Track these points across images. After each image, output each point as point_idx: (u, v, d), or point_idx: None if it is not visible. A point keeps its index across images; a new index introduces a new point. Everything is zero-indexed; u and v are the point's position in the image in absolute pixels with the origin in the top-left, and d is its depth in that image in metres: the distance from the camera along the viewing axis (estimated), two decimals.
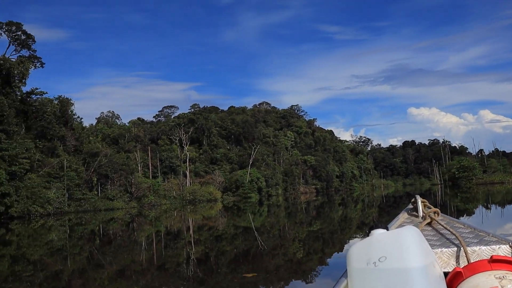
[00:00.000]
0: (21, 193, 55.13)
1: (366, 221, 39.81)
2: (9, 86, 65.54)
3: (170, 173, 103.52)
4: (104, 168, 73.39)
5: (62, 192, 62.97)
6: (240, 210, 64.03)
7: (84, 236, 36.42)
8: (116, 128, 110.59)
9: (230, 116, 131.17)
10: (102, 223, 50.98)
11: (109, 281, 17.28)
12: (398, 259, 2.99)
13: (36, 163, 63.10)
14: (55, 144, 70.06)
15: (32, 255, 26.02)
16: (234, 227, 38.75)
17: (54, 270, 20.05)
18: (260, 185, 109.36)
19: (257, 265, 18.29)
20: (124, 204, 73.65)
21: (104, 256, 24.17)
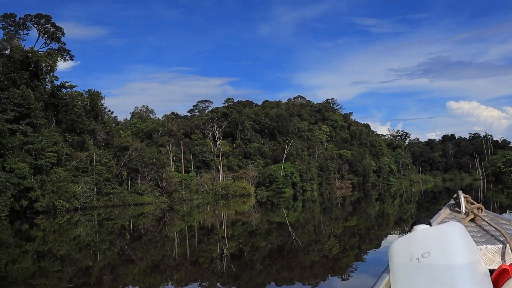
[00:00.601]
0: (46, 187, 54.12)
1: (404, 217, 38.41)
2: (37, 79, 64.79)
3: (203, 167, 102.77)
4: (134, 162, 72.51)
5: (90, 186, 62.02)
6: (273, 205, 63.22)
7: (114, 231, 35.26)
8: (150, 122, 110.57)
9: (264, 110, 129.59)
10: (132, 218, 50.13)
11: (142, 276, 17.53)
12: (442, 255, 2.94)
13: (64, 157, 62.15)
14: (84, 137, 69.36)
15: (58, 251, 25.31)
16: (268, 222, 37.91)
17: (83, 265, 19.89)
18: (294, 180, 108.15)
19: (291, 261, 18.31)
20: (154, 198, 72.74)
21: (135, 251, 23.61)
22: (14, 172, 48.56)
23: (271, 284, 15.15)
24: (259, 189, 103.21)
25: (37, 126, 57.74)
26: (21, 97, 56.66)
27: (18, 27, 69.84)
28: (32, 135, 55.40)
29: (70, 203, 56.47)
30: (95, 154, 67.42)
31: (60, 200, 54.67)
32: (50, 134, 59.83)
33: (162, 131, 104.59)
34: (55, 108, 70.67)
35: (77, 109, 69.98)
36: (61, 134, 67.11)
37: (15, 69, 60.87)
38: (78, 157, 64.14)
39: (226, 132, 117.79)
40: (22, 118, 56.73)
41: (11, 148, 49.92)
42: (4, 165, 48.33)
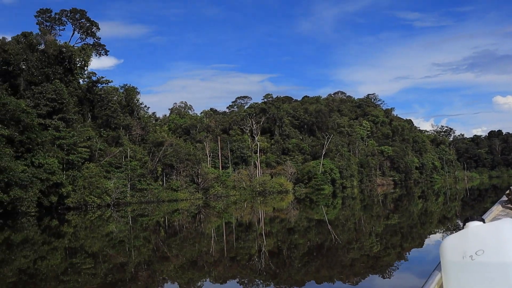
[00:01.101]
0: (78, 183, 53.32)
1: (448, 215, 37.43)
2: (71, 74, 64.07)
3: (241, 163, 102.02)
4: (169, 158, 71.39)
5: (123, 182, 60.99)
6: (312, 202, 62.68)
7: (149, 227, 35.13)
8: (188, 118, 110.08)
9: (303, 106, 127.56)
10: (167, 214, 49.44)
11: (180, 272, 17.74)
12: (497, 252, 2.87)
13: (98, 152, 61.29)
14: (119, 133, 68.40)
15: (90, 247, 25.12)
16: (307, 219, 37.30)
17: (118, 262, 19.73)
18: (333, 176, 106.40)
19: (331, 259, 18.18)
20: (189, 195, 71.59)
21: (171, 248, 23.52)
22: (43, 167, 47.80)
23: (311, 282, 14.98)
24: (297, 185, 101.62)
25: (70, 121, 57.12)
26: (54, 91, 56.03)
27: (54, 23, 69.61)
28: (64, 130, 54.80)
29: (101, 199, 55.59)
30: (129, 149, 66.53)
31: (91, 196, 53.95)
32: (83, 129, 59.29)
33: (200, 127, 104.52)
34: (90, 103, 70.22)
35: (112, 104, 69.37)
36: (96, 130, 66.59)
37: (49, 64, 60.47)
38: (112, 152, 63.29)
39: (264, 128, 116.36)
40: (55, 113, 56.17)
41: (41, 143, 49.26)
42: (32, 160, 47.64)
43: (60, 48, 62.76)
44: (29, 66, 58.61)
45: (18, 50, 57.40)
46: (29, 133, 47.39)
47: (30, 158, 47.44)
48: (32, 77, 58.29)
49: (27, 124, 47.02)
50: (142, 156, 68.27)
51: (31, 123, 47.54)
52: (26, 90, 57.26)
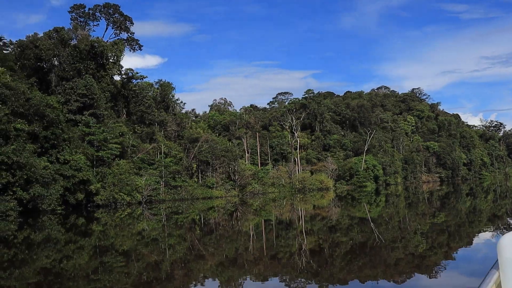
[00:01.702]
0: (107, 180, 51.89)
1: (498, 213, 36.26)
2: (103, 69, 62.99)
3: (281, 160, 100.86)
4: (204, 154, 69.88)
5: (155, 179, 59.36)
6: (354, 200, 61.48)
7: (184, 225, 34.39)
8: (228, 115, 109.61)
9: (345, 101, 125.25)
10: (202, 212, 48.18)
11: (220, 269, 17.84)
12: None
13: (130, 149, 59.97)
14: (153, 129, 67.32)
15: (121, 245, 24.63)
16: (349, 217, 36.65)
17: (152, 260, 19.40)
18: (376, 173, 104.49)
19: (374, 257, 17.95)
20: (224, 192, 70.12)
21: (208, 246, 23.15)
22: (69, 163, 46.37)
23: (354, 281, 14.80)
24: (338, 182, 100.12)
25: (101, 116, 55.96)
26: (84, 87, 54.93)
27: (87, 18, 69.12)
28: (94, 126, 53.61)
29: (132, 196, 53.99)
30: (163, 146, 65.07)
31: (121, 193, 52.34)
32: (114, 125, 58.06)
33: (239, 124, 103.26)
34: (125, 99, 69.35)
35: (147, 100, 68.51)
36: (130, 126, 65.55)
37: (80, 59, 59.54)
38: (145, 148, 61.94)
39: (304, 124, 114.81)
40: (85, 109, 55.15)
41: (67, 139, 47.85)
42: (58, 156, 46.18)
43: (92, 43, 61.95)
44: (61, 62, 57.92)
45: (49, 46, 56.64)
46: (54, 128, 45.99)
47: (55, 154, 46.11)
48: (63, 73, 57.49)
49: (52, 120, 45.55)
50: (177, 153, 66.96)
51: (56, 118, 46.10)
52: (57, 86, 56.57)
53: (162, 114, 70.68)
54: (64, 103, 53.78)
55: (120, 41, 68.58)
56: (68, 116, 52.95)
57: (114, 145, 54.61)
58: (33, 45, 56.52)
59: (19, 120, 41.98)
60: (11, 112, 41.75)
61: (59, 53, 57.52)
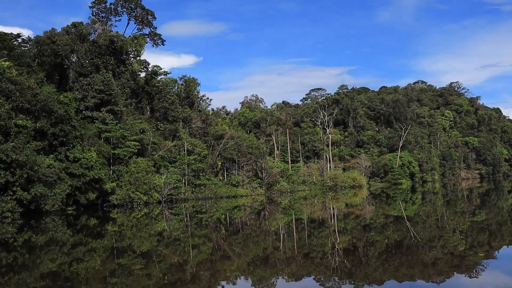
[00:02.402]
0: (124, 178, 49.66)
1: None
2: (123, 64, 61.06)
3: (313, 157, 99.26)
4: (229, 151, 67.61)
5: (177, 177, 56.96)
6: (389, 198, 60.07)
7: (209, 224, 33.35)
8: (258, 111, 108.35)
9: (380, 96, 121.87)
10: (227, 211, 46.86)
11: (252, 267, 17.92)
12: None
13: (151, 146, 57.91)
14: (176, 126, 65.01)
15: (139, 247, 23.67)
16: (384, 216, 35.62)
17: (173, 262, 18.75)
18: (412, 170, 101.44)
19: (411, 257, 17.66)
20: (250, 190, 67.68)
21: (234, 245, 22.53)
22: (79, 162, 44.14)
23: (391, 280, 14.44)
24: (372, 180, 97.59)
25: (118, 113, 53.84)
26: (101, 82, 53.05)
27: (109, 13, 67.43)
28: (111, 123, 51.59)
29: (149, 195, 51.68)
30: (187, 143, 62.85)
31: (137, 192, 49.97)
32: (133, 121, 56.04)
33: (270, 120, 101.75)
34: (149, 96, 67.44)
35: (170, 97, 66.38)
36: (153, 123, 63.70)
37: (99, 54, 57.86)
38: (166, 146, 59.70)
39: (337, 120, 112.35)
40: (103, 105, 53.26)
41: (79, 136, 45.79)
42: (67, 154, 44.00)
43: (111, 38, 60.15)
44: (79, 57, 56.19)
45: (66, 41, 54.91)
46: (63, 125, 43.85)
47: (64, 152, 43.98)
48: (81, 69, 55.77)
49: (61, 116, 43.42)
50: (201, 150, 64.62)
51: (65, 115, 43.95)
52: (75, 82, 54.81)
53: (186, 111, 68.77)
54: (81, 100, 52.25)
55: (140, 35, 66.93)
56: (85, 113, 51.48)
57: (132, 143, 52.72)
58: (50, 40, 55.01)
59: (21, 116, 39.96)
60: (16, 108, 39.98)
61: (77, 48, 56.02)
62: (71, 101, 50.49)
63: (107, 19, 67.29)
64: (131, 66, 63.04)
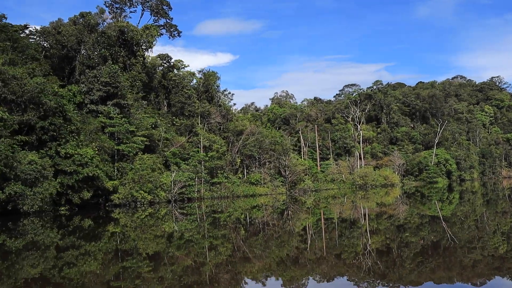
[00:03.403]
0: (127, 176, 46.56)
1: None
2: (134, 56, 58.37)
3: (344, 154, 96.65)
4: (249, 148, 64.60)
5: (189, 175, 53.81)
6: (424, 197, 58.26)
7: (227, 224, 31.79)
8: (288, 108, 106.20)
9: (415, 91, 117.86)
10: (246, 210, 45.25)
11: (282, 268, 17.76)
12: None
13: (163, 142, 55.14)
14: (193, 121, 62.19)
15: (145, 248, 22.33)
16: (418, 216, 34.43)
17: (187, 264, 17.94)
18: (449, 168, 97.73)
19: (449, 259, 17.22)
20: (270, 189, 64.56)
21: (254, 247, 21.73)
22: (72, 158, 40.58)
23: (429, 283, 13.88)
24: (406, 178, 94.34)
25: (125, 106, 50.92)
26: (107, 74, 50.13)
27: (123, 4, 65.09)
28: (116, 117, 48.67)
29: (155, 194, 48.52)
30: (203, 139, 59.89)
31: (141, 191, 46.79)
32: (142, 115, 53.30)
33: (300, 117, 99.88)
34: (165, 90, 65.05)
35: (187, 90, 63.54)
36: (169, 118, 61.36)
37: (108, 45, 55.49)
38: (179, 142, 56.69)
39: (370, 116, 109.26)
40: (109, 99, 50.41)
41: (75, 131, 42.58)
42: (58, 149, 40.39)
43: (121, 28, 57.59)
44: (86, 49, 53.63)
45: (72, 31, 52.46)
46: (53, 118, 40.41)
47: (55, 147, 40.51)
48: (89, 61, 53.30)
49: (51, 108, 39.98)
50: (219, 146, 61.58)
51: (56, 107, 40.56)
52: (81, 75, 52.22)
53: (205, 105, 65.64)
54: (86, 93, 49.64)
55: (152, 25, 63.93)
56: (89, 107, 48.89)
57: (139, 138, 49.78)
58: (55, 31, 52.81)
59: (1, 108, 36.65)
60: None
61: (84, 39, 53.28)
62: (75, 94, 48.26)
63: (121, 10, 65.00)
64: (143, 58, 60.53)
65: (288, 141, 79.19)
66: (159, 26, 67.28)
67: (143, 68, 60.64)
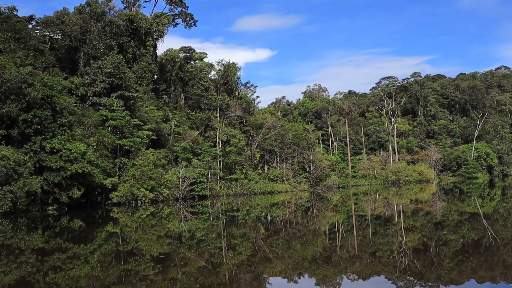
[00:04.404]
0: (128, 172, 43.74)
1: None
2: (144, 46, 55.84)
3: (378, 149, 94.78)
4: (270, 142, 61.83)
5: (200, 171, 50.95)
6: (462, 193, 56.44)
7: (245, 223, 30.52)
8: (319, 101, 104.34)
9: (454, 82, 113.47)
10: (265, 208, 42.66)
11: (313, 266, 17.57)
12: None
13: (174, 136, 52.49)
14: (209, 114, 59.38)
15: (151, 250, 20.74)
16: (457, 213, 33.46)
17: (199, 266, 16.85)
18: (490, 162, 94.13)
19: (491, 258, 16.79)
20: (291, 186, 61.87)
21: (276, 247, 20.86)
22: (59, 153, 37.69)
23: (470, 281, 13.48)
24: (443, 173, 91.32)
25: (131, 98, 48.42)
26: (111, 64, 47.58)
27: None
28: (119, 110, 46.03)
29: (158, 192, 45.82)
30: (220, 133, 57.31)
31: (142, 188, 44.00)
32: (148, 108, 50.65)
33: (332, 110, 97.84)
34: (182, 82, 62.51)
35: (204, 83, 60.96)
36: (184, 111, 58.99)
37: (115, 35, 52.87)
38: (191, 136, 53.68)
39: (406, 109, 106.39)
40: (113, 90, 48.11)
41: (66, 124, 40.05)
42: (42, 144, 37.49)
43: (129, 17, 55.15)
44: (91, 39, 51.00)
45: (76, 20, 50.15)
46: (38, 110, 37.71)
47: (40, 142, 37.73)
48: (95, 51, 50.62)
49: (34, 99, 37.28)
50: (238, 141, 58.84)
51: (40, 98, 37.88)
52: (86, 66, 50.00)
53: (223, 98, 62.78)
54: (89, 85, 47.49)
55: (162, 14, 61.01)
56: (92, 99, 46.66)
57: (145, 132, 47.08)
58: (59, 21, 50.56)
59: None
60: None
61: (90, 29, 50.74)
62: (77, 86, 46.05)
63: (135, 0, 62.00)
64: (153, 48, 57.61)
65: (313, 135, 76.53)
66: (175, 16, 64.88)
67: (153, 59, 58.06)
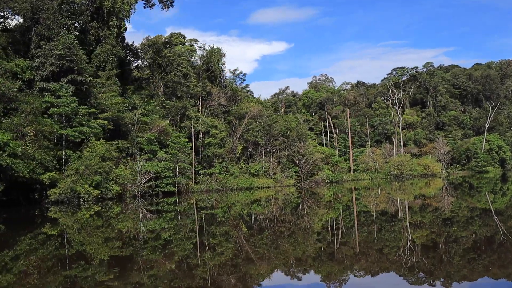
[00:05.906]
0: (72, 166, 39.44)
1: None
2: (107, 27, 50.73)
3: (384, 141, 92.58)
4: (252, 133, 57.90)
5: (165, 164, 46.58)
6: (472, 188, 55.26)
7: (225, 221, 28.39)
8: (324, 92, 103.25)
9: (466, 71, 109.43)
10: (246, 206, 40.11)
11: (317, 264, 17.43)
12: None
13: (140, 127, 48.01)
14: (185, 103, 54.86)
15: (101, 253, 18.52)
16: (467, 209, 32.28)
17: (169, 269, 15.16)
18: (503, 155, 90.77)
19: (504, 255, 16.72)
20: (273, 181, 57.65)
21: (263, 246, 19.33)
22: None
23: (485, 277, 13.14)
24: (452, 167, 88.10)
25: (84, 83, 44.28)
26: (62, 46, 43.02)
27: None
28: (64, 96, 41.72)
29: (106, 188, 41.30)
30: (197, 123, 53.47)
31: (85, 185, 39.54)
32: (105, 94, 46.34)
33: (337, 101, 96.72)
34: (160, 68, 58.22)
35: (182, 69, 56.69)
36: (159, 100, 55.19)
37: (73, 14, 48.59)
38: (158, 126, 49.35)
39: (415, 99, 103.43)
40: (64, 75, 43.85)
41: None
42: None
43: None
44: (44, 17, 46.87)
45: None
46: None
47: None
48: (48, 32, 46.46)
49: None
50: (217, 132, 55.10)
51: None
52: (38, 48, 45.65)
53: (205, 86, 59.13)
54: (37, 68, 43.11)
55: None
56: (38, 84, 42.28)
57: (98, 121, 42.87)
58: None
59: None
60: None
61: (42, 7, 46.54)
62: (23, 70, 41.93)
63: None
64: (117, 29, 53.36)
65: (305, 126, 72.50)
66: None
67: (119, 42, 53.64)
